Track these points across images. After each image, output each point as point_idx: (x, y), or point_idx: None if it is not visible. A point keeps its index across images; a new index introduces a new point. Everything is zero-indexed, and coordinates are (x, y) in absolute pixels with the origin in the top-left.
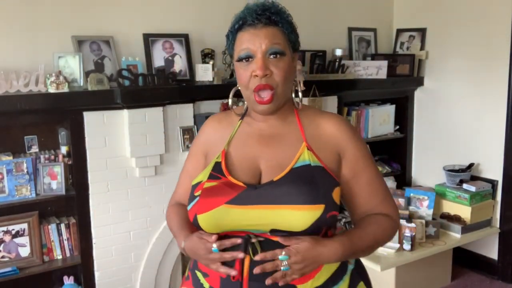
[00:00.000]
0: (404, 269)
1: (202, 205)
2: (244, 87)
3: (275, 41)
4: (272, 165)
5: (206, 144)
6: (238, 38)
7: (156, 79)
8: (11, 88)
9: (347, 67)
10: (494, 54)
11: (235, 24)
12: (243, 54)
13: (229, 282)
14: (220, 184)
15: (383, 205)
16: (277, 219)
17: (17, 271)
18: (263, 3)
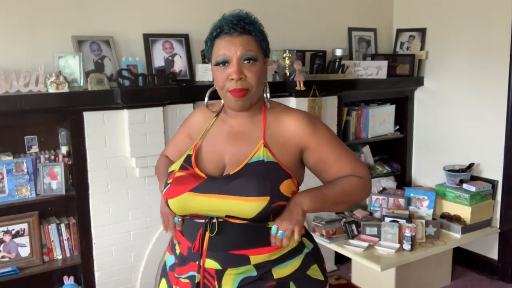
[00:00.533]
0: (404, 269)
1: (171, 192)
2: (221, 88)
3: (248, 48)
4: (233, 160)
5: (192, 129)
6: (216, 45)
7: (156, 79)
8: (11, 88)
9: (347, 67)
10: (494, 54)
11: (213, 32)
12: (220, 59)
13: (191, 251)
14: (187, 175)
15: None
16: (230, 207)
17: (17, 271)
18: (238, 14)
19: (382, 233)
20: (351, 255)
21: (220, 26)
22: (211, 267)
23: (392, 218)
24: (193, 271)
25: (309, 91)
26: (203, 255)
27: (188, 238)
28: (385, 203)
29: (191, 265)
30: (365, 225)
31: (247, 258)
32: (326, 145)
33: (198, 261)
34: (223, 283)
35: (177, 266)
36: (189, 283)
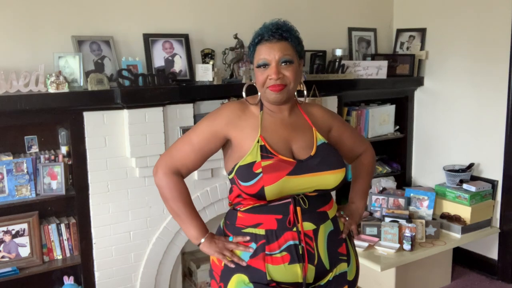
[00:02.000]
0: (404, 269)
1: (268, 179)
2: (261, 85)
3: (285, 53)
4: (301, 145)
5: (228, 128)
6: (257, 50)
7: (156, 79)
8: (11, 88)
9: (347, 67)
10: (494, 54)
11: (255, 39)
12: (261, 62)
13: (283, 224)
14: (276, 162)
15: (361, 145)
16: (321, 181)
17: (17, 271)
18: (277, 22)
19: (382, 233)
20: None
21: (261, 33)
22: (309, 229)
23: (392, 218)
24: (291, 240)
25: (309, 91)
26: (300, 222)
27: (273, 213)
28: (385, 203)
29: (287, 235)
30: (365, 225)
31: (326, 214)
32: (342, 126)
33: (295, 227)
34: (319, 241)
35: (267, 245)
36: (287, 255)
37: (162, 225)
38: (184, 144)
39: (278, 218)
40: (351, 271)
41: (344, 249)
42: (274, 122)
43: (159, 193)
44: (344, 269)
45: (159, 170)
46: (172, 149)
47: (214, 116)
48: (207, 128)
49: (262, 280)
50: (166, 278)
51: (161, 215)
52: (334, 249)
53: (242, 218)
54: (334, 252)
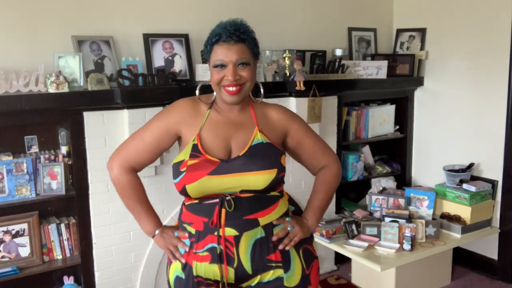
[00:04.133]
0: (404, 269)
1: (189, 178)
2: (216, 84)
3: (243, 55)
4: (239, 144)
5: (179, 125)
6: (214, 50)
7: (156, 79)
8: (11, 88)
9: (347, 67)
10: (494, 54)
11: (213, 38)
12: (218, 63)
13: (208, 226)
14: (201, 161)
15: (324, 157)
16: (245, 182)
17: (17, 271)
18: (235, 23)
19: (382, 233)
20: (351, 255)
21: (219, 34)
22: (230, 235)
23: (392, 218)
24: (212, 243)
25: (309, 91)
26: (222, 226)
27: (203, 215)
28: (385, 203)
29: (209, 237)
30: (365, 225)
31: (257, 221)
32: (302, 131)
33: (217, 232)
34: (240, 247)
35: (195, 243)
36: (208, 255)
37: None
38: (136, 141)
39: (204, 221)
40: (291, 278)
41: (279, 256)
42: (218, 120)
43: (115, 188)
44: (278, 275)
45: (114, 168)
46: (125, 146)
47: (166, 114)
48: (159, 125)
49: (191, 274)
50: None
51: (161, 215)
52: (260, 256)
53: (184, 213)
54: (260, 258)
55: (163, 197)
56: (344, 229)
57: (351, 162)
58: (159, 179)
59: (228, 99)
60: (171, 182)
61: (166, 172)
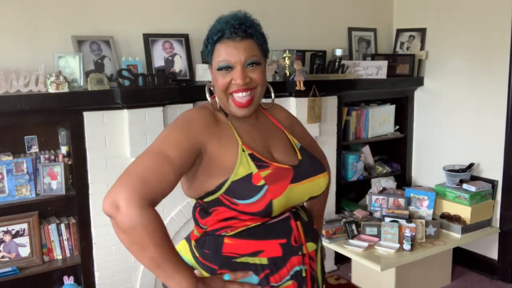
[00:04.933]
0: (404, 269)
1: (275, 191)
2: (222, 91)
3: (252, 53)
4: (281, 150)
5: (205, 138)
6: (217, 49)
7: (156, 79)
8: (11, 88)
9: (347, 67)
10: (494, 54)
11: (214, 36)
12: (223, 65)
13: (289, 247)
14: (274, 170)
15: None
16: (315, 187)
17: (17, 271)
18: (239, 16)
19: (382, 233)
20: (351, 255)
21: (221, 30)
22: (312, 250)
23: (392, 218)
24: (297, 266)
25: (309, 91)
26: (304, 242)
27: (279, 236)
28: (385, 203)
29: (293, 260)
30: (365, 225)
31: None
32: (303, 131)
33: (301, 251)
34: (317, 262)
35: (271, 276)
36: (293, 283)
37: None
38: (158, 162)
39: (282, 242)
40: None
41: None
42: (246, 128)
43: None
44: None
45: (131, 205)
46: (140, 171)
47: (186, 126)
48: (183, 140)
49: None
50: None
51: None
52: (323, 271)
53: (233, 245)
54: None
55: None
56: (344, 229)
57: (351, 162)
58: None
59: (238, 112)
60: None
61: None
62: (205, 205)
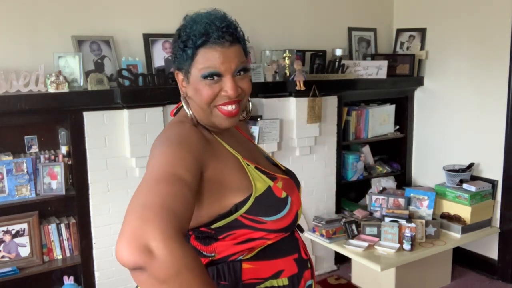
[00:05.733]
0: (404, 269)
1: (296, 201)
2: (207, 103)
3: (241, 60)
4: (263, 160)
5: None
6: (201, 54)
7: (156, 79)
8: (11, 88)
9: (347, 67)
10: (494, 54)
11: (196, 39)
12: (210, 72)
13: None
14: (283, 181)
15: None
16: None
17: (17, 271)
18: (222, 16)
19: (382, 233)
20: (351, 255)
21: (206, 32)
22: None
23: (392, 218)
24: (309, 280)
25: (309, 91)
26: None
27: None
28: (385, 203)
29: (305, 275)
30: (365, 225)
31: None
32: None
33: (309, 263)
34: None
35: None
36: None
37: None
38: (177, 186)
39: (295, 258)
40: None
41: None
42: (231, 141)
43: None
44: None
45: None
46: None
47: (186, 143)
48: (191, 158)
49: None
50: None
51: None
52: None
53: (253, 269)
54: None
55: None
56: (344, 229)
57: (351, 162)
58: None
59: (224, 123)
60: None
61: None
62: (211, 232)
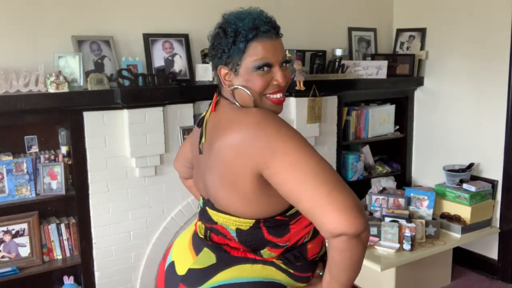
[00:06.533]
0: (404, 269)
1: None
2: (259, 93)
3: (285, 51)
4: None
5: None
6: (253, 47)
7: (156, 79)
8: (11, 88)
9: (347, 67)
10: (494, 54)
11: (248, 33)
12: (262, 63)
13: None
14: None
15: None
16: None
17: (17, 271)
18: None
19: (382, 233)
20: None
21: (256, 27)
22: None
23: (392, 218)
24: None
25: (309, 91)
26: None
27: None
28: (385, 203)
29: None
30: None
31: None
32: None
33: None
34: None
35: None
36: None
37: (162, 225)
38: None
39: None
40: None
41: None
42: None
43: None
44: None
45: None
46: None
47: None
48: None
49: None
50: None
51: (161, 215)
52: None
53: (312, 247)
54: None
55: (163, 197)
56: None
57: (351, 162)
58: (159, 179)
59: (275, 110)
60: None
61: (166, 172)
62: (285, 220)
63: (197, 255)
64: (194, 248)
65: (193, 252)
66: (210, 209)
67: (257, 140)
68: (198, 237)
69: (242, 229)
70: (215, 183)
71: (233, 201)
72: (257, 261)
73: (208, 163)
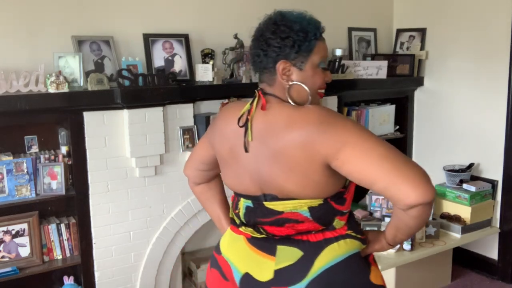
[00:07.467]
0: (404, 269)
1: None
2: (316, 88)
3: None
4: None
5: None
6: (318, 46)
7: (156, 79)
8: (11, 88)
9: (347, 67)
10: (494, 54)
11: (316, 32)
12: (326, 62)
13: None
14: None
15: None
16: None
17: (17, 271)
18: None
19: None
20: None
21: (317, 28)
22: None
23: None
24: None
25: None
26: None
27: None
28: (385, 203)
29: None
30: (365, 225)
31: None
32: None
33: None
34: None
35: None
36: None
37: (162, 225)
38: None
39: None
40: None
41: None
42: None
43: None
44: None
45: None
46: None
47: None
48: None
49: None
50: (166, 278)
51: (161, 215)
52: None
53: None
54: None
55: (163, 197)
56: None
57: None
58: (159, 178)
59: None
60: (171, 182)
61: (166, 172)
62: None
63: (274, 255)
64: (264, 251)
65: (267, 255)
66: (272, 202)
67: (323, 135)
68: (259, 240)
69: (314, 206)
70: (281, 176)
71: (304, 189)
72: (338, 238)
73: (262, 160)
